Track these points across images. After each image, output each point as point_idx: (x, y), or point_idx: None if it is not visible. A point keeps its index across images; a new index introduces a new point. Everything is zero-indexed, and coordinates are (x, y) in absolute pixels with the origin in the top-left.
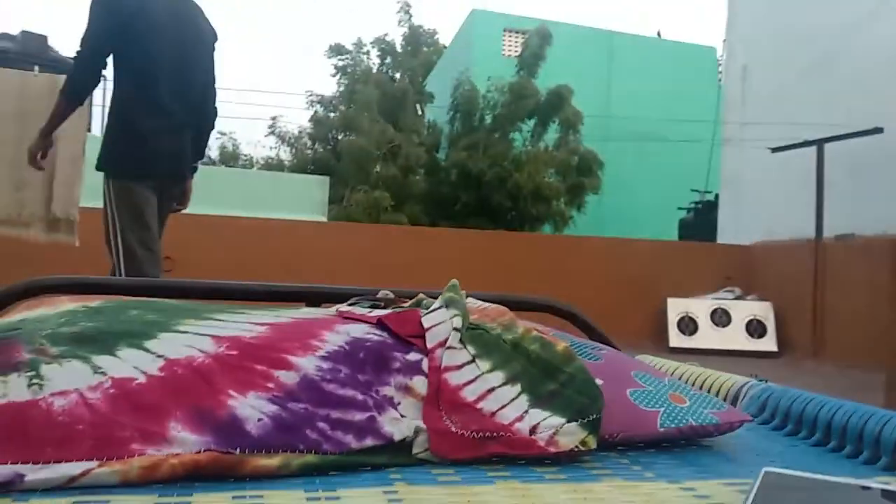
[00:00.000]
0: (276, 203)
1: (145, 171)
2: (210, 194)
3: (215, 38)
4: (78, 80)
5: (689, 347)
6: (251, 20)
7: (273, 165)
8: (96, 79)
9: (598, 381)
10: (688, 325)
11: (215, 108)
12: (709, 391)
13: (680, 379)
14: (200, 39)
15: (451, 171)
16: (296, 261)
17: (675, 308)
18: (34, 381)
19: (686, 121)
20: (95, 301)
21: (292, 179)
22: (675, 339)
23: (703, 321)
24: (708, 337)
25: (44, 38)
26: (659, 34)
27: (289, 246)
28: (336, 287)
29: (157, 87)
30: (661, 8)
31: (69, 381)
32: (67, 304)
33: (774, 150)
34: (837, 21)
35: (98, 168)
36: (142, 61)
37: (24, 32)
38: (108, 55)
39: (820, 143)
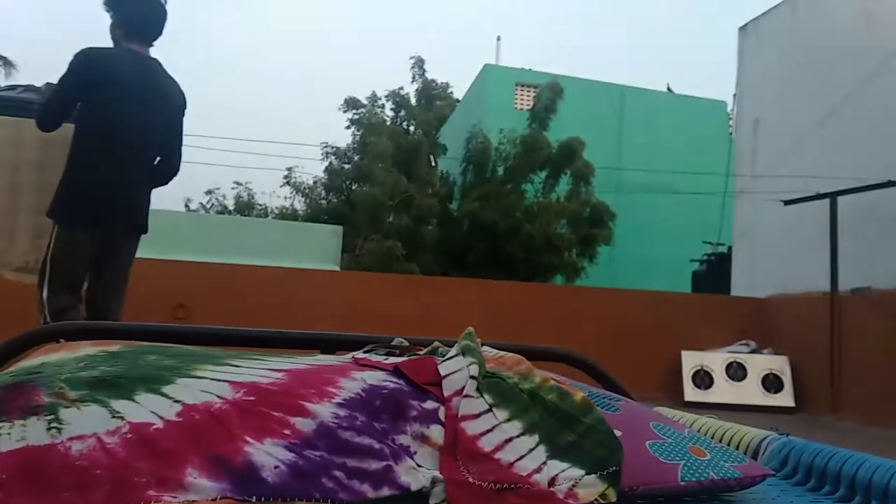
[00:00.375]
0: (290, 252)
1: (91, 220)
2: (225, 243)
3: (184, 103)
4: (42, 118)
5: (705, 401)
6: (267, 75)
7: (287, 215)
8: (58, 121)
9: (617, 433)
10: (703, 379)
11: (176, 167)
12: (728, 444)
13: (699, 431)
14: (165, 102)
15: (463, 221)
16: (309, 309)
17: (690, 361)
18: (53, 424)
19: (697, 173)
20: (115, 346)
21: (306, 228)
22: (691, 392)
23: (719, 375)
24: (723, 391)
25: None
26: (669, 88)
27: (302, 294)
28: (350, 334)
29: (116, 142)
30: (670, 63)
31: (87, 425)
32: (87, 348)
33: (787, 202)
34: (849, 73)
35: (47, 213)
36: (104, 115)
37: (47, 84)
38: (74, 104)
39: (833, 196)
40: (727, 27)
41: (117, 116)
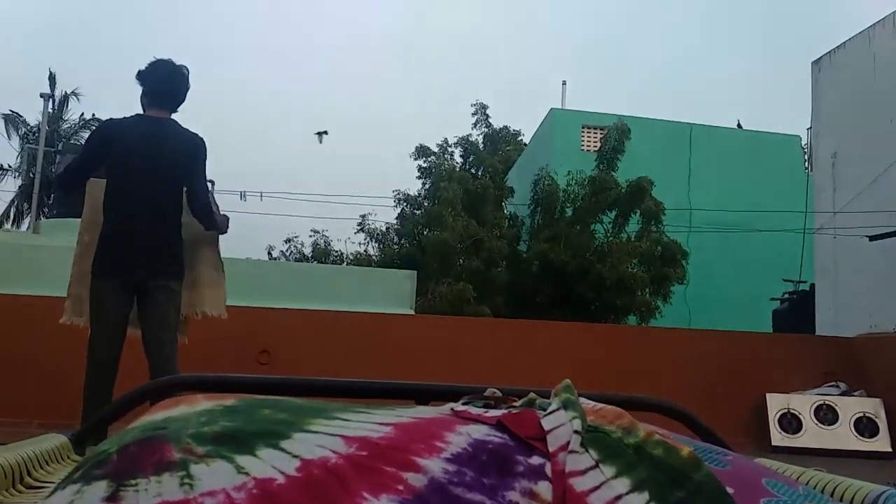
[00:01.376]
0: (366, 297)
1: (105, 270)
2: (305, 289)
3: (200, 150)
4: (62, 177)
5: (794, 446)
6: (340, 131)
7: (362, 260)
8: (77, 180)
9: (729, 490)
10: (790, 423)
11: (204, 203)
12: (841, 500)
13: (807, 485)
14: (173, 156)
15: (532, 262)
16: (386, 352)
17: (776, 404)
18: (185, 480)
19: (772, 211)
20: (229, 400)
21: (381, 274)
22: (778, 437)
23: (807, 418)
24: (813, 435)
25: None
26: (739, 124)
27: (379, 337)
28: (443, 385)
29: (125, 198)
30: (740, 99)
31: (216, 481)
32: (204, 402)
33: (872, 238)
34: None
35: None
36: (116, 176)
37: (66, 143)
38: (90, 171)
39: None
40: (798, 61)
41: (126, 173)
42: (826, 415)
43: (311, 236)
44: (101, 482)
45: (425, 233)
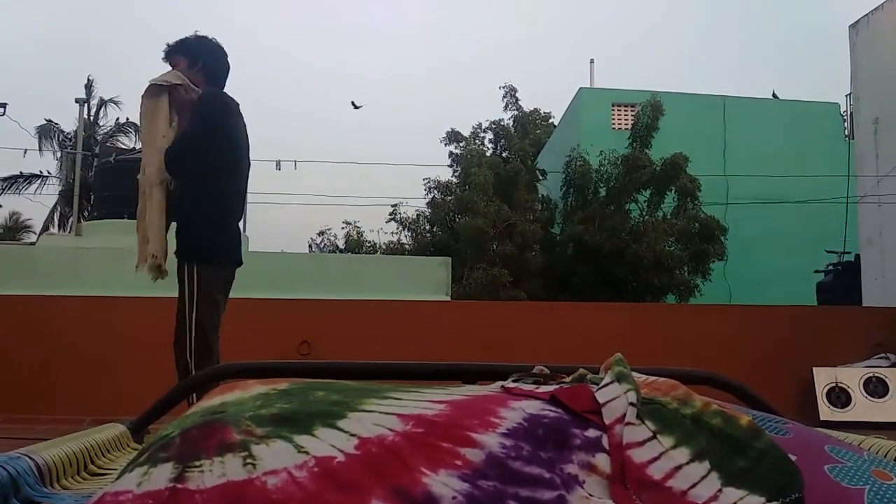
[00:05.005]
0: (401, 285)
1: (226, 257)
2: (340, 280)
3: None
4: (180, 159)
5: (844, 420)
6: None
7: (395, 249)
8: (187, 164)
9: (792, 457)
10: (839, 397)
11: None
12: None
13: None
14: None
15: (567, 245)
16: (424, 339)
17: (823, 378)
18: (248, 461)
19: (812, 177)
20: (282, 384)
21: (416, 262)
22: (826, 411)
23: (856, 392)
24: (864, 408)
25: None
26: (775, 94)
27: (416, 325)
28: (490, 364)
29: (239, 184)
30: (775, 69)
31: (278, 460)
32: (258, 387)
33: None
34: None
35: (182, 255)
36: (233, 160)
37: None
38: (202, 151)
39: None
40: (834, 24)
41: (237, 158)
42: (876, 387)
43: (343, 227)
44: (167, 464)
45: (458, 219)
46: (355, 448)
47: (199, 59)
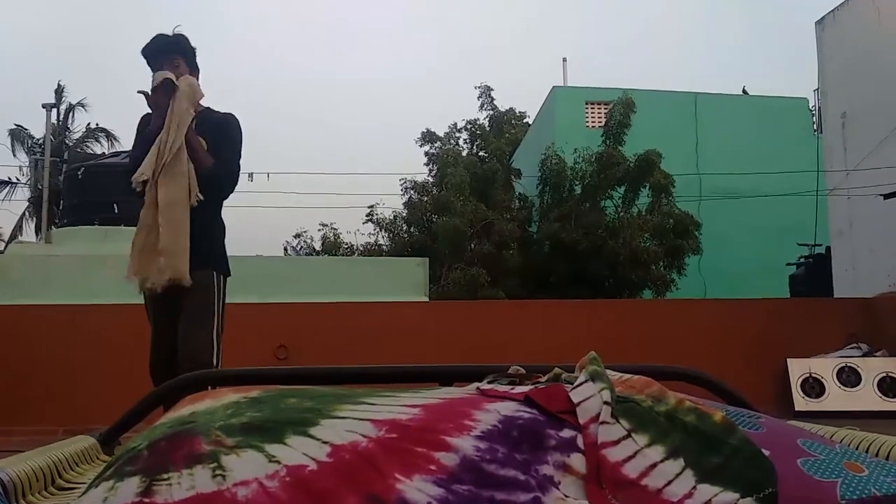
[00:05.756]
0: (379, 286)
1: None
2: (317, 282)
3: None
4: (227, 186)
5: (818, 410)
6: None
7: (373, 250)
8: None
9: (765, 452)
10: (813, 387)
11: None
12: (876, 456)
13: (842, 443)
14: None
15: (544, 243)
16: (402, 340)
17: (797, 369)
18: (217, 472)
19: (782, 173)
20: (253, 392)
21: (393, 263)
22: (801, 402)
23: (830, 382)
24: (837, 398)
25: None
26: (745, 90)
27: (395, 327)
28: (466, 365)
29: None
30: (743, 65)
31: (248, 470)
32: (229, 395)
33: (886, 196)
34: None
35: (210, 265)
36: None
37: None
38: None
39: None
40: (800, 21)
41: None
42: (849, 377)
43: (319, 229)
44: (134, 478)
45: (435, 219)
46: (328, 456)
47: (194, 62)
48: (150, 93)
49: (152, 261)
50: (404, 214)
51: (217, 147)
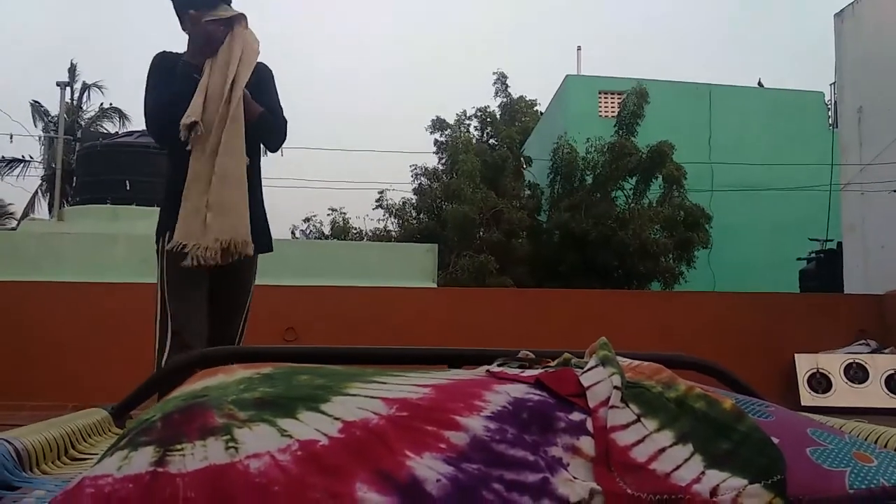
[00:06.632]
0: (388, 272)
1: None
2: (326, 267)
3: None
4: (279, 140)
5: (824, 406)
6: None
7: (382, 236)
8: None
9: (774, 440)
10: (820, 383)
11: None
12: (885, 447)
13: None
14: None
15: (553, 232)
16: (410, 326)
17: (805, 364)
18: (230, 444)
19: (796, 166)
20: (265, 368)
21: (402, 248)
22: (808, 397)
23: (837, 378)
24: (844, 394)
25: None
26: (760, 83)
27: (403, 312)
28: (475, 349)
29: None
30: (759, 57)
31: (261, 444)
32: (241, 371)
33: None
34: None
35: (263, 247)
36: None
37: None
38: None
39: None
40: (819, 13)
41: None
42: (856, 373)
43: (329, 214)
44: (148, 448)
45: (444, 206)
46: (339, 432)
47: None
48: (215, 22)
49: (214, 223)
50: (414, 201)
51: (259, 98)
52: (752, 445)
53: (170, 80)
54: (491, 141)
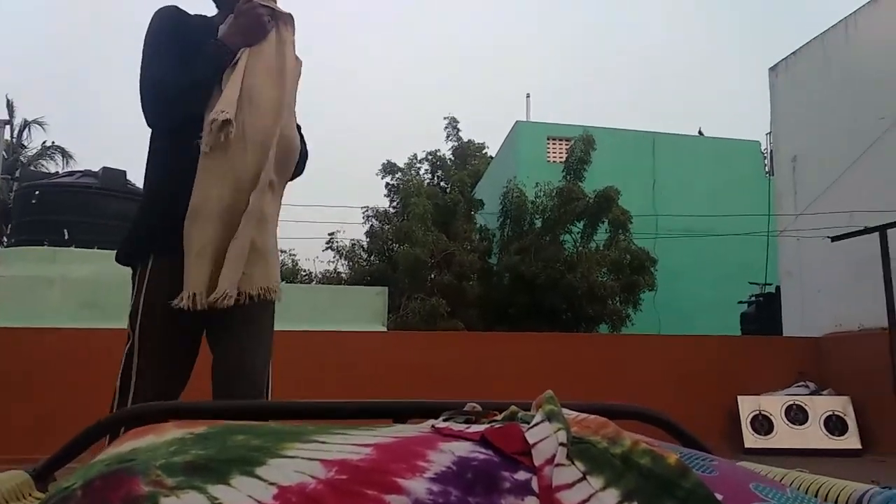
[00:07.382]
0: (337, 315)
1: None
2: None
3: None
4: (301, 170)
5: (767, 447)
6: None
7: (332, 278)
8: None
9: (718, 496)
10: (762, 424)
11: None
12: (825, 500)
13: (792, 486)
14: None
15: (503, 275)
16: (360, 370)
17: (747, 406)
18: None
19: (736, 215)
20: (200, 427)
21: (352, 291)
22: (751, 438)
23: (778, 419)
24: (785, 435)
25: (122, 174)
26: (700, 132)
27: (353, 355)
28: (422, 401)
29: None
30: (700, 107)
31: None
32: (174, 430)
33: (834, 238)
34: (885, 104)
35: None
36: None
37: (104, 168)
38: None
39: (882, 230)
40: (755, 67)
41: None
42: (797, 415)
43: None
44: None
45: (396, 248)
46: (274, 498)
47: None
48: (268, 9)
49: (253, 263)
50: (364, 243)
51: None
52: (696, 502)
53: (189, 54)
54: (442, 184)
